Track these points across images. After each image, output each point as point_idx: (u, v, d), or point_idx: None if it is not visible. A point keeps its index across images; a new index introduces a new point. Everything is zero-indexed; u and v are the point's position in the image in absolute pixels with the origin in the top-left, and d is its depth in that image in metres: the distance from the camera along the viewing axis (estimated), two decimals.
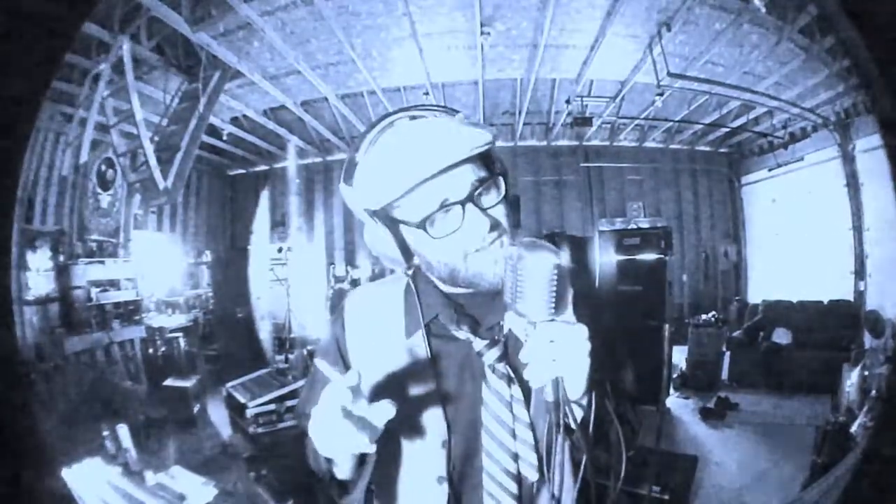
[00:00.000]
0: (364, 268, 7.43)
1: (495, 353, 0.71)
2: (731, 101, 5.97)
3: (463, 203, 0.67)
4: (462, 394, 0.74)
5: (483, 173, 0.70)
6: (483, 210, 0.68)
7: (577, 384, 0.61)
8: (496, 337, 0.73)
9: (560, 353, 0.58)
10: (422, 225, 0.69)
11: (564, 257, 0.59)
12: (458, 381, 0.74)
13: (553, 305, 0.58)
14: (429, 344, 0.75)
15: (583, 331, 0.59)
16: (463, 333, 0.72)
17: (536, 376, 0.60)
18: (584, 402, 0.64)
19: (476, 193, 0.68)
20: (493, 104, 6.47)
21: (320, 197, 8.17)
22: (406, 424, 0.72)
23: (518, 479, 0.71)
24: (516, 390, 0.71)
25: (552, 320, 0.59)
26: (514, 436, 0.70)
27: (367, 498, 0.75)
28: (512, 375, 0.71)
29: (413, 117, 0.70)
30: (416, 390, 0.74)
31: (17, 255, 4.45)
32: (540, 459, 0.69)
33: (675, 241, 6.68)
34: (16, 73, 0.59)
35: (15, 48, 0.59)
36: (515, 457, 0.70)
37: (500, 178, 0.72)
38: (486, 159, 0.72)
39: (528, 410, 0.70)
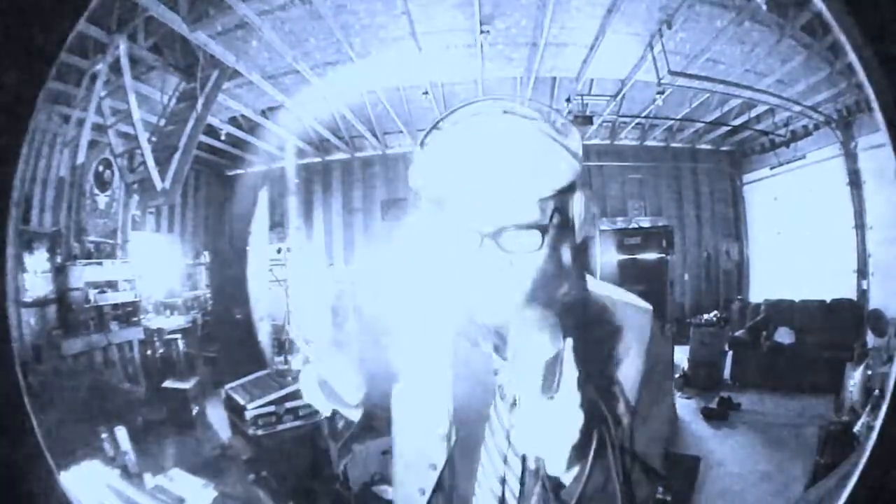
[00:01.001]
0: (363, 268, 7.40)
1: (509, 379, 0.67)
2: (733, 99, 5.95)
3: (481, 235, 0.63)
4: (472, 401, 0.73)
5: (530, 217, 0.63)
6: (503, 250, 0.63)
7: (559, 464, 0.57)
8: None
9: (542, 435, 0.55)
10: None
11: (562, 348, 0.54)
12: (471, 388, 0.73)
13: (544, 390, 0.54)
14: (455, 343, 0.75)
15: (576, 419, 0.55)
16: (486, 346, 0.69)
17: (518, 444, 0.60)
18: (574, 473, 0.60)
19: (501, 233, 0.62)
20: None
21: (319, 197, 8.16)
22: (416, 407, 0.76)
23: (502, 501, 0.70)
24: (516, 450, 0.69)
25: (548, 398, 0.55)
26: (504, 461, 0.70)
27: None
28: (515, 404, 0.67)
29: (505, 112, 0.66)
30: (430, 382, 0.75)
31: (14, 256, 4.42)
32: (521, 492, 0.69)
33: (677, 240, 6.67)
34: (12, 73, 0.59)
35: (10, 48, 0.58)
36: (503, 481, 0.70)
37: (553, 226, 0.64)
38: (555, 199, 0.65)
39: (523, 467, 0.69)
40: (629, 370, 0.71)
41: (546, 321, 0.54)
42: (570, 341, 0.54)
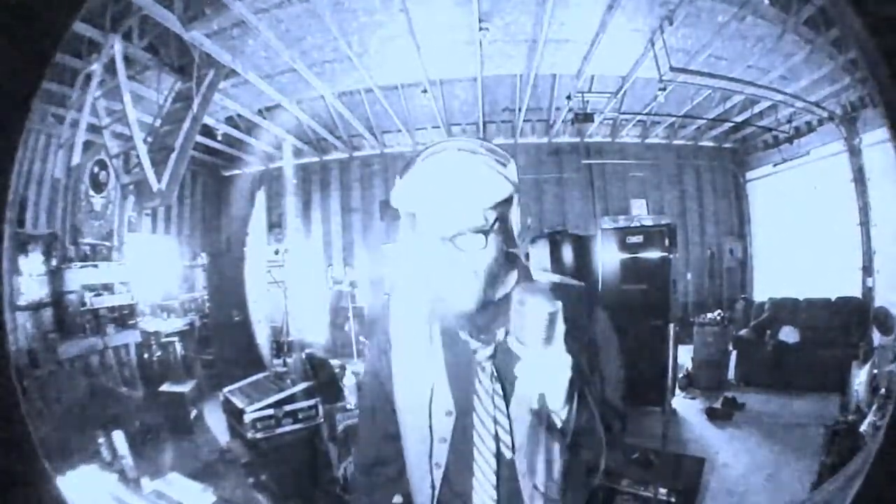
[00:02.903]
0: (362, 269, 7.37)
1: (486, 353, 0.90)
2: (735, 95, 5.94)
3: (442, 239, 0.84)
4: (461, 378, 0.93)
5: (477, 224, 0.84)
6: (459, 249, 0.84)
7: (558, 400, 0.76)
8: (490, 341, 0.90)
9: (545, 376, 0.74)
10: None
11: (558, 304, 0.72)
12: (458, 368, 0.93)
13: (544, 341, 0.73)
14: (442, 335, 0.96)
15: (567, 361, 0.75)
16: (463, 335, 0.92)
17: (526, 388, 0.75)
18: (567, 410, 0.78)
19: (456, 237, 0.84)
20: (493, 101, 6.44)
21: (317, 197, 8.14)
22: (424, 395, 0.94)
23: (497, 455, 0.90)
24: (497, 386, 0.90)
25: (545, 349, 0.73)
26: (494, 421, 0.90)
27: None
28: (495, 373, 0.90)
29: (460, 149, 0.86)
30: (428, 366, 0.95)
31: (9, 259, 4.40)
32: (513, 442, 0.89)
33: (680, 239, 6.64)
34: (5, 73, 0.60)
35: (4, 48, 0.59)
36: (496, 437, 0.90)
37: (495, 230, 0.86)
38: (496, 209, 0.86)
39: (506, 402, 0.89)
40: (584, 336, 0.91)
41: (538, 290, 0.74)
42: (559, 302, 0.72)
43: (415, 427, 0.96)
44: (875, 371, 3.88)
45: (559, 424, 0.79)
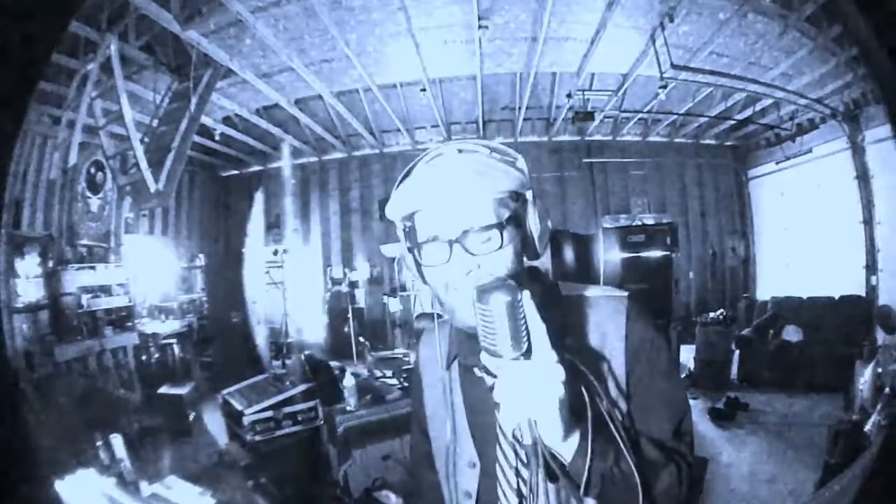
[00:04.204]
0: (362, 270, 7.36)
1: None
2: (737, 92, 5.90)
3: (449, 242, 0.72)
4: (484, 426, 0.81)
5: (487, 219, 0.72)
6: (469, 253, 0.71)
7: (553, 427, 0.60)
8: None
9: (528, 395, 0.59)
10: (412, 250, 0.77)
11: (523, 294, 0.60)
12: (481, 414, 0.81)
13: (514, 343, 0.59)
14: (460, 376, 0.85)
15: (556, 373, 0.59)
16: (479, 371, 0.72)
17: (507, 418, 0.60)
18: (574, 446, 0.63)
19: (465, 235, 0.71)
20: (492, 99, 6.42)
21: (316, 197, 8.14)
22: (446, 445, 0.85)
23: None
24: (508, 432, 0.71)
25: (524, 358, 0.60)
26: (517, 474, 0.76)
27: None
28: None
29: (460, 150, 0.77)
30: (451, 418, 0.84)
31: (5, 261, 4.38)
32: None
33: (681, 238, 6.64)
34: (1, 74, 0.59)
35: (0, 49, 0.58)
36: (519, 494, 0.75)
37: (509, 227, 0.74)
38: (507, 204, 0.76)
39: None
40: (613, 354, 0.77)
41: (500, 280, 0.62)
42: (527, 292, 0.60)
43: (444, 477, 0.87)
44: (879, 370, 3.83)
45: (566, 465, 0.63)
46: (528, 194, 0.78)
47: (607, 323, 0.79)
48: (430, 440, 0.92)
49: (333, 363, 4.59)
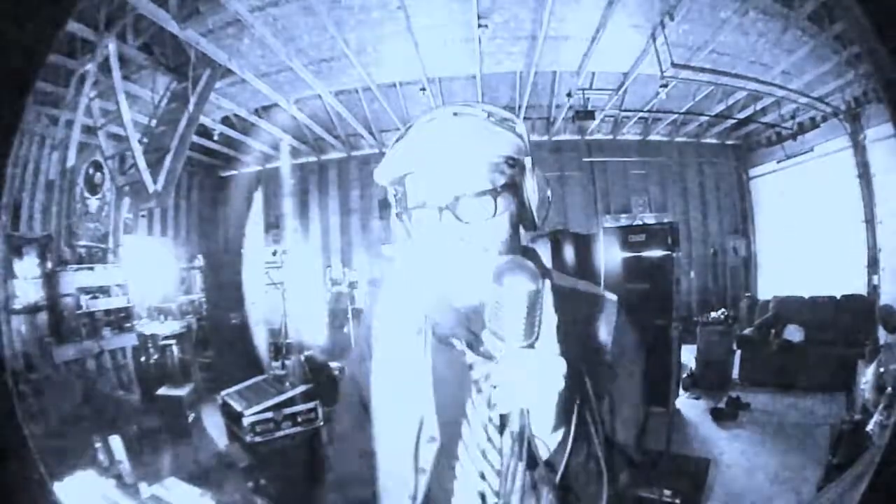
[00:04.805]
0: (361, 270, 7.34)
1: (486, 370, 0.68)
2: (738, 91, 5.88)
3: (439, 209, 0.68)
4: (451, 400, 0.76)
5: (481, 185, 0.69)
6: (460, 220, 0.68)
7: (545, 419, 0.60)
8: (490, 356, 0.70)
9: (529, 384, 0.57)
10: (400, 215, 0.73)
11: (545, 284, 0.57)
12: (450, 387, 0.76)
13: (526, 332, 0.57)
14: (432, 344, 0.79)
15: (559, 365, 0.58)
16: (458, 343, 0.72)
17: (502, 402, 0.58)
18: (558, 438, 0.62)
19: (457, 202, 0.68)
20: (492, 99, 6.39)
21: (315, 197, 8.13)
22: (406, 416, 0.79)
23: (482, 496, 0.73)
24: (495, 414, 0.69)
25: (529, 346, 0.58)
26: (483, 456, 0.73)
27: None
28: (491, 398, 0.71)
29: (455, 114, 0.73)
30: (413, 384, 0.79)
31: (4, 262, 4.37)
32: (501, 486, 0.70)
33: (682, 237, 6.62)
34: None
35: None
36: (482, 475, 0.73)
37: (504, 194, 0.71)
38: (503, 170, 0.72)
39: (501, 435, 0.70)
40: (599, 352, 0.76)
41: (523, 262, 0.58)
42: (548, 282, 0.57)
43: (392, 451, 0.81)
44: (881, 370, 3.82)
45: (545, 455, 0.62)
46: (527, 161, 0.74)
47: (598, 321, 0.78)
48: (368, 410, 0.86)
49: (333, 364, 4.58)
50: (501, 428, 0.68)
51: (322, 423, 3.67)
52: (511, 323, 0.57)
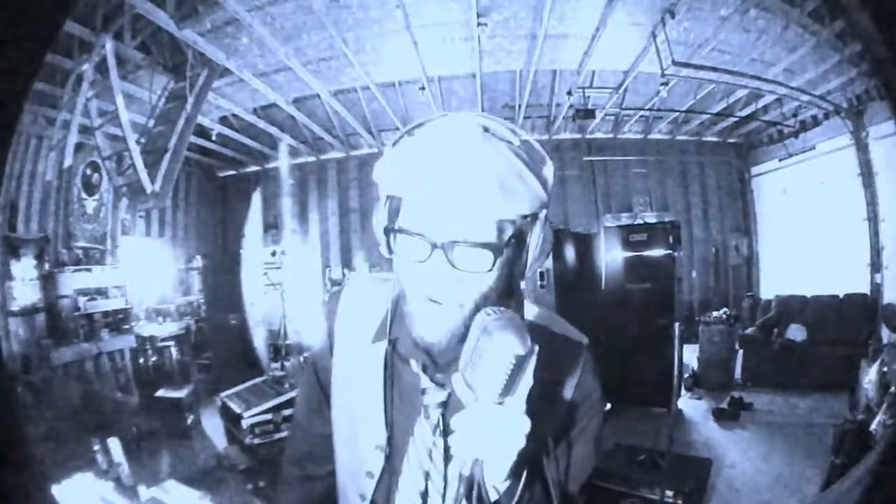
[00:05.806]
0: (361, 270, 7.32)
1: (437, 397, 0.71)
2: (739, 89, 5.86)
3: (433, 245, 0.61)
4: (402, 416, 0.76)
5: (484, 236, 0.61)
6: (452, 265, 0.61)
7: (498, 470, 0.58)
8: (446, 385, 0.70)
9: (490, 438, 0.56)
10: (388, 231, 0.66)
11: (532, 349, 0.55)
12: (401, 404, 0.76)
13: (503, 392, 0.55)
14: (390, 358, 0.76)
15: (523, 424, 0.56)
16: (415, 365, 0.72)
17: (460, 448, 0.57)
18: (508, 485, 0.60)
19: (452, 246, 0.61)
20: (492, 98, 6.39)
21: (314, 198, 8.12)
22: (353, 421, 0.79)
23: None
24: (441, 441, 0.71)
25: (498, 403, 0.56)
26: (426, 478, 0.72)
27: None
28: (439, 426, 0.71)
29: (486, 130, 0.64)
30: (366, 390, 0.77)
31: (1, 264, 4.37)
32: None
33: (684, 236, 6.61)
34: None
35: None
36: (424, 495, 0.72)
37: (507, 249, 0.64)
38: (515, 221, 0.64)
39: (445, 463, 0.70)
40: (559, 402, 0.73)
41: (519, 323, 0.55)
42: (537, 346, 0.55)
43: (346, 446, 0.82)
44: (884, 369, 3.82)
45: (494, 497, 0.60)
46: (542, 213, 0.66)
47: (563, 368, 0.74)
48: (328, 399, 0.84)
49: None
50: (447, 457, 0.68)
51: None
52: (489, 380, 0.55)
